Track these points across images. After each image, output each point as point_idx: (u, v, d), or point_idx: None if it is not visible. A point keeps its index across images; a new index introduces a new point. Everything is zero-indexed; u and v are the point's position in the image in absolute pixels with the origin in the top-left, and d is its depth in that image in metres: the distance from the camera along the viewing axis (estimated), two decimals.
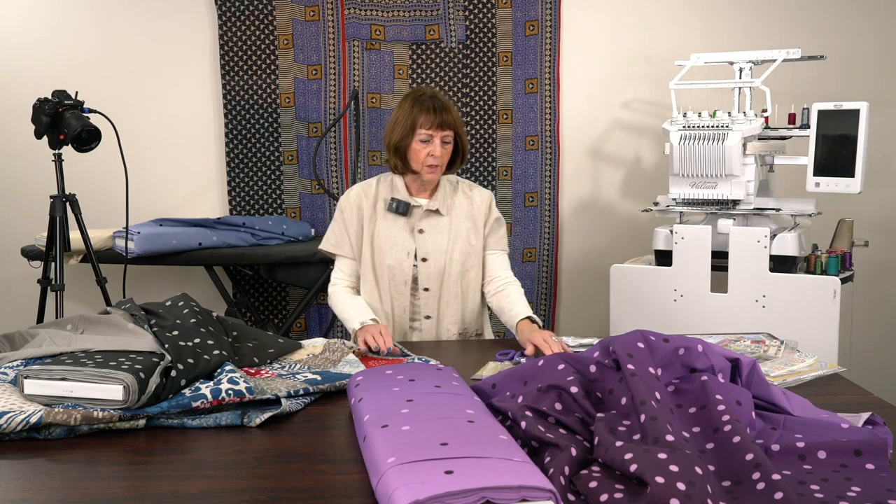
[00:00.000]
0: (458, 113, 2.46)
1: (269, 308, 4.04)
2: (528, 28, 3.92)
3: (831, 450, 1.40)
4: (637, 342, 1.58)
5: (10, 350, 1.95)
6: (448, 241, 2.44)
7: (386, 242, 2.44)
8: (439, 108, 2.37)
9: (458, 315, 2.48)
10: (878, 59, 3.85)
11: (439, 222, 2.46)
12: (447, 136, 2.39)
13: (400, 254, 2.43)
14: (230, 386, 1.69)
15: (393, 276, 2.44)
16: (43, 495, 1.35)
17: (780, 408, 1.59)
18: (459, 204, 2.49)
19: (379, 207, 2.47)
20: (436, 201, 2.46)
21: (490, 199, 2.53)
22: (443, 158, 2.40)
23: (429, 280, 2.45)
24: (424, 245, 2.44)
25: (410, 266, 2.43)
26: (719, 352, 1.65)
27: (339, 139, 3.95)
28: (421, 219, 2.45)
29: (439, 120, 2.36)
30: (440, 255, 2.43)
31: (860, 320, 3.44)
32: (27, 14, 3.81)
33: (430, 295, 2.46)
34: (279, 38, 3.88)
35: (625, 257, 3.59)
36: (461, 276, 2.46)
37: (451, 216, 2.47)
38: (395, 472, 1.21)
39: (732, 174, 3.12)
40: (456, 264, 2.44)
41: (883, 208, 3.90)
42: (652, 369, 1.52)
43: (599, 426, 1.42)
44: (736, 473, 1.31)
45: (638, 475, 1.22)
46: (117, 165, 3.10)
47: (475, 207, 2.49)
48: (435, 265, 2.43)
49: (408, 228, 2.45)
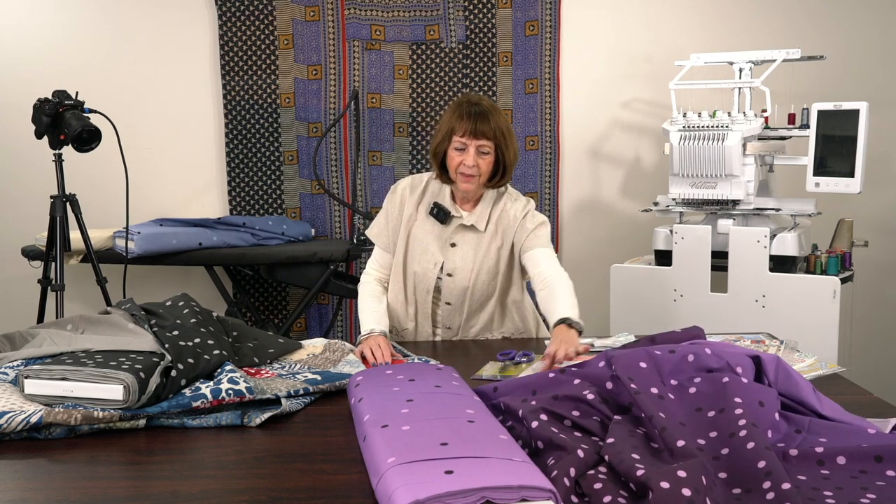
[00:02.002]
0: (504, 124, 2.28)
1: (269, 308, 4.04)
2: (528, 28, 3.92)
3: (851, 455, 1.37)
4: (639, 362, 1.56)
5: (11, 350, 1.95)
6: (475, 260, 2.36)
7: (418, 247, 2.37)
8: (477, 115, 2.24)
9: (478, 332, 2.42)
10: (878, 59, 3.85)
11: (473, 239, 2.37)
12: (484, 146, 2.25)
13: (427, 263, 2.36)
14: (230, 386, 1.69)
15: (417, 283, 2.39)
16: (43, 495, 1.35)
17: (808, 405, 1.57)
18: (495, 219, 2.37)
19: (421, 209, 2.39)
20: (473, 216, 2.36)
21: (524, 208, 2.37)
22: (480, 168, 2.26)
23: (451, 295, 2.39)
24: (452, 260, 2.37)
25: (435, 277, 2.37)
26: (739, 351, 1.63)
27: (339, 139, 3.95)
28: (455, 232, 2.37)
29: (474, 127, 2.23)
30: (465, 274, 2.36)
31: (860, 320, 3.44)
32: (27, 14, 3.81)
33: (452, 309, 2.41)
34: (279, 38, 3.88)
35: (625, 257, 3.59)
36: (487, 295, 2.38)
37: (486, 233, 2.36)
38: (395, 472, 1.21)
39: (732, 174, 3.12)
40: (482, 284, 2.36)
41: (883, 208, 3.90)
42: (655, 389, 1.51)
43: (616, 427, 1.41)
44: (746, 481, 1.30)
45: (643, 480, 1.22)
46: (117, 165, 3.10)
47: (508, 220, 2.36)
48: (459, 283, 2.36)
49: (442, 238, 2.37)
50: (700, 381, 1.55)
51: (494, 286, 2.39)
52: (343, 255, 3.56)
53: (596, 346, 2.22)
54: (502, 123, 2.28)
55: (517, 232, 2.36)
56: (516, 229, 2.36)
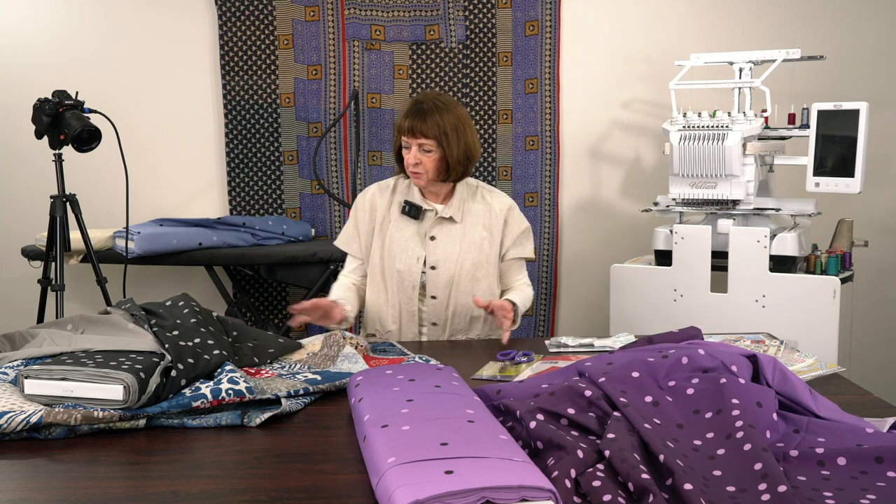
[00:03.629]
0: (448, 122, 2.30)
1: (269, 308, 4.04)
2: (528, 28, 3.92)
3: (851, 456, 1.37)
4: (632, 373, 1.56)
5: (11, 350, 1.95)
6: (459, 249, 2.39)
7: (397, 247, 2.40)
8: (416, 114, 2.30)
9: (465, 325, 2.44)
10: (878, 59, 3.85)
11: (452, 230, 2.41)
12: (425, 145, 2.30)
13: (410, 259, 2.39)
14: (230, 386, 1.69)
15: (402, 281, 2.41)
16: (43, 495, 1.35)
17: (805, 406, 1.57)
18: (476, 211, 2.42)
19: (394, 209, 2.43)
20: (450, 208, 2.41)
21: (510, 207, 2.44)
22: (424, 166, 2.31)
23: (436, 288, 2.41)
24: (434, 253, 2.40)
25: (419, 272, 2.40)
26: (735, 350, 1.63)
27: (339, 139, 3.95)
28: (433, 225, 2.41)
29: (411, 126, 2.29)
30: (450, 264, 2.39)
31: (860, 320, 3.44)
32: (27, 14, 3.81)
33: (437, 303, 2.42)
34: (279, 38, 3.88)
35: (625, 257, 3.59)
36: (472, 286, 2.41)
37: (465, 224, 2.41)
38: (395, 472, 1.21)
39: (732, 174, 3.12)
40: (466, 274, 2.39)
41: (883, 208, 3.90)
42: (650, 397, 1.51)
43: (615, 424, 1.41)
44: (742, 481, 1.30)
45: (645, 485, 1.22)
46: (117, 165, 3.10)
47: (493, 216, 2.42)
48: (444, 274, 2.39)
49: (420, 234, 2.41)
50: (697, 381, 1.55)
51: (479, 277, 2.42)
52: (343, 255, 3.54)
53: (596, 346, 2.22)
54: (446, 122, 2.30)
55: (505, 232, 2.43)
56: (503, 229, 2.43)
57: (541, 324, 4.10)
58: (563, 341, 2.26)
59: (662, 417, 1.48)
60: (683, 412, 1.50)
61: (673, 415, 1.49)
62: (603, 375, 1.56)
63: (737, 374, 1.56)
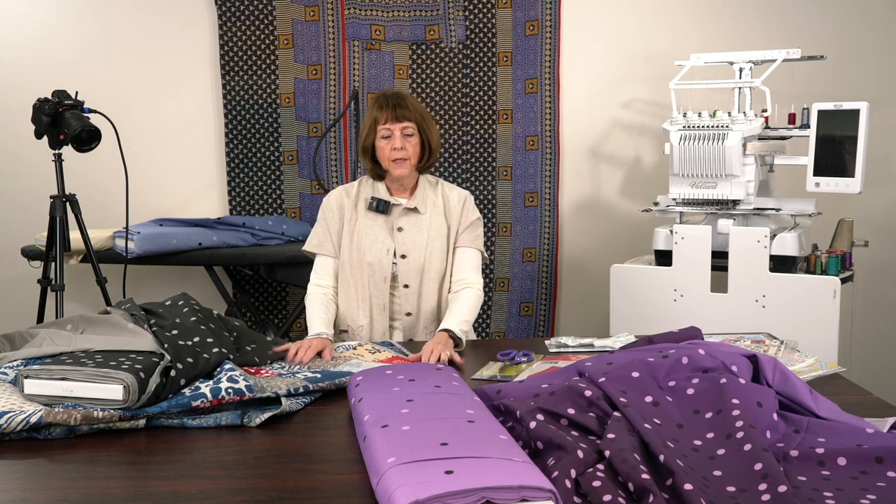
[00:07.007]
0: (422, 108, 2.48)
1: (269, 308, 4.04)
2: (528, 28, 3.92)
3: (852, 456, 1.37)
4: (632, 373, 1.56)
5: (10, 350, 1.95)
6: (427, 237, 2.46)
7: (366, 240, 2.46)
8: (394, 100, 2.42)
9: (435, 312, 2.49)
10: (877, 59, 3.85)
11: (418, 220, 2.48)
12: (407, 129, 2.41)
13: (380, 251, 2.45)
14: (230, 384, 1.69)
15: (373, 274, 2.45)
16: (43, 495, 1.35)
17: (805, 407, 1.57)
18: (437, 203, 2.51)
19: (360, 207, 2.50)
20: (414, 200, 2.49)
21: (466, 198, 2.54)
22: (408, 151, 2.41)
23: (408, 276, 2.45)
24: (403, 242, 2.46)
25: (390, 263, 2.45)
26: (735, 351, 1.63)
27: (339, 139, 3.95)
28: (400, 216, 2.48)
29: (394, 113, 2.40)
30: (419, 252, 2.45)
31: (860, 320, 3.44)
32: (27, 14, 3.80)
33: (410, 292, 2.46)
34: (279, 38, 3.88)
35: (625, 257, 3.59)
36: (440, 271, 2.48)
37: (429, 214, 2.49)
38: (395, 472, 1.21)
39: (732, 174, 3.12)
40: (435, 261, 2.46)
41: (883, 208, 3.90)
42: (650, 397, 1.51)
43: (615, 424, 1.41)
44: (742, 481, 1.30)
45: (645, 485, 1.22)
46: (117, 165, 3.10)
47: (450, 207, 2.51)
48: (414, 262, 2.45)
49: (387, 227, 2.47)
50: (698, 381, 1.55)
51: (447, 266, 2.49)
52: None
53: (596, 347, 2.22)
54: (420, 107, 2.47)
55: (460, 220, 2.50)
56: (459, 216, 2.50)
57: (541, 324, 4.10)
58: (563, 341, 2.26)
59: (662, 417, 1.48)
60: (683, 412, 1.50)
61: (673, 415, 1.49)
62: (603, 375, 1.56)
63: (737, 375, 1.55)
